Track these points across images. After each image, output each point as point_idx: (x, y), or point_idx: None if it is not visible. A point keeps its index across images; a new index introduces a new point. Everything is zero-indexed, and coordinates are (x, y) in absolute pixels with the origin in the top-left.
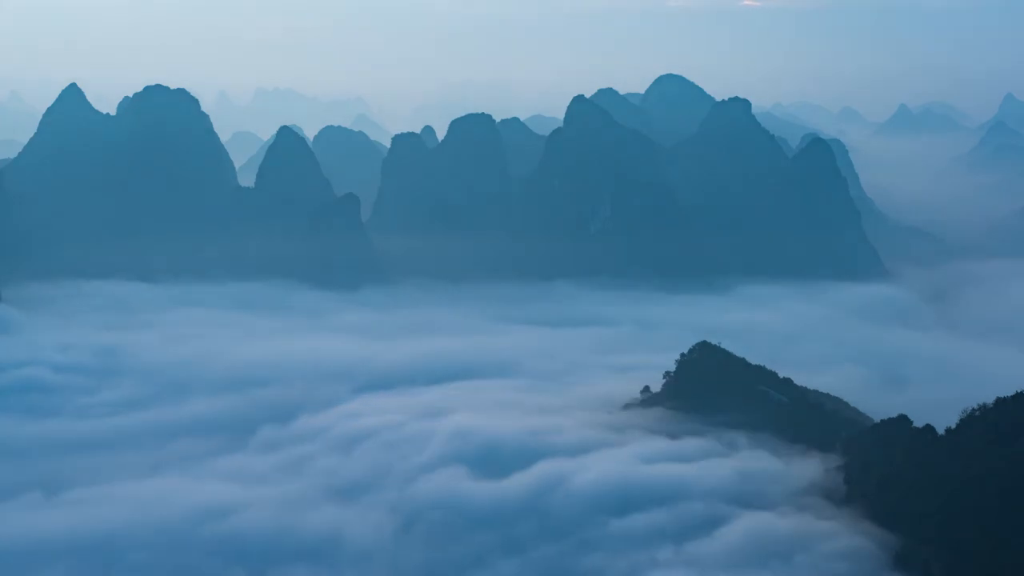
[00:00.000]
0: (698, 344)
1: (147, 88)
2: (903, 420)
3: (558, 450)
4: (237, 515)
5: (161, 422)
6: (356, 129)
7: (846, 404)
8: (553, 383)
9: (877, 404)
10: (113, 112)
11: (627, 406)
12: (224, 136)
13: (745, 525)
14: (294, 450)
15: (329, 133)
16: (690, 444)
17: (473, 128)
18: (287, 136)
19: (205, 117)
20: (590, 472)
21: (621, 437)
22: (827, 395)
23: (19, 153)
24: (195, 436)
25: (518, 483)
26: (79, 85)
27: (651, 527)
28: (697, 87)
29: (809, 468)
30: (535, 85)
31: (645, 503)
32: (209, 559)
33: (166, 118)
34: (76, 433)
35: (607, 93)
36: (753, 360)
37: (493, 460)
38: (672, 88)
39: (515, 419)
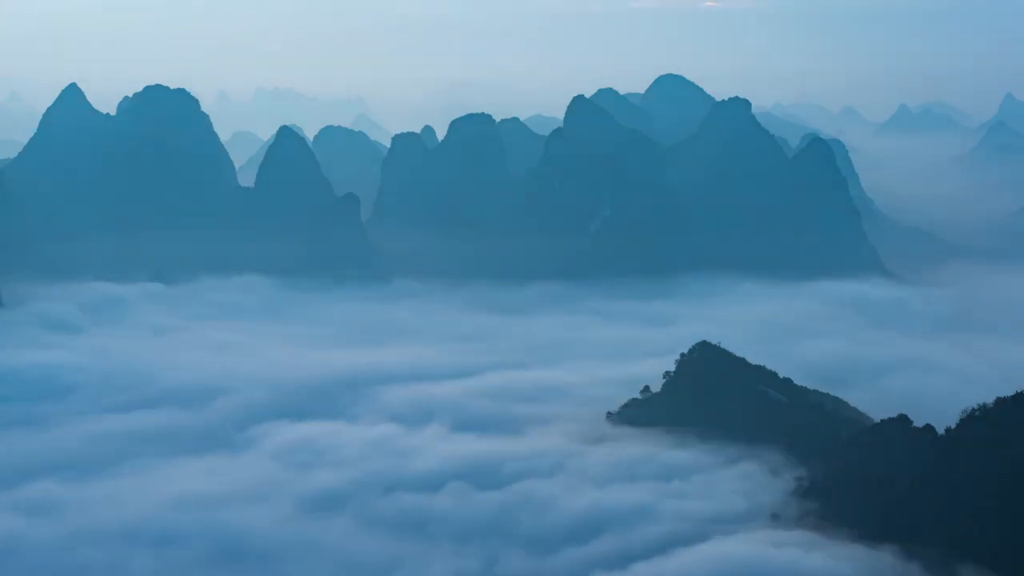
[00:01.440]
0: (698, 344)
1: (147, 88)
2: (903, 420)
3: (539, 463)
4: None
5: (139, 426)
6: (356, 129)
7: (846, 404)
8: (551, 382)
9: (877, 404)
10: (113, 112)
11: (627, 406)
12: (224, 136)
13: (740, 536)
14: (246, 457)
15: (329, 133)
16: (682, 454)
17: (473, 128)
18: (287, 136)
19: (205, 117)
20: (567, 489)
21: (604, 447)
22: (827, 395)
23: (19, 153)
24: (159, 441)
25: (484, 503)
26: (79, 85)
27: (618, 551)
28: (697, 87)
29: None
30: (535, 85)
31: (621, 523)
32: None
33: (166, 118)
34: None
35: (607, 93)
36: (753, 360)
37: (457, 475)
38: (672, 88)
39: (499, 425)
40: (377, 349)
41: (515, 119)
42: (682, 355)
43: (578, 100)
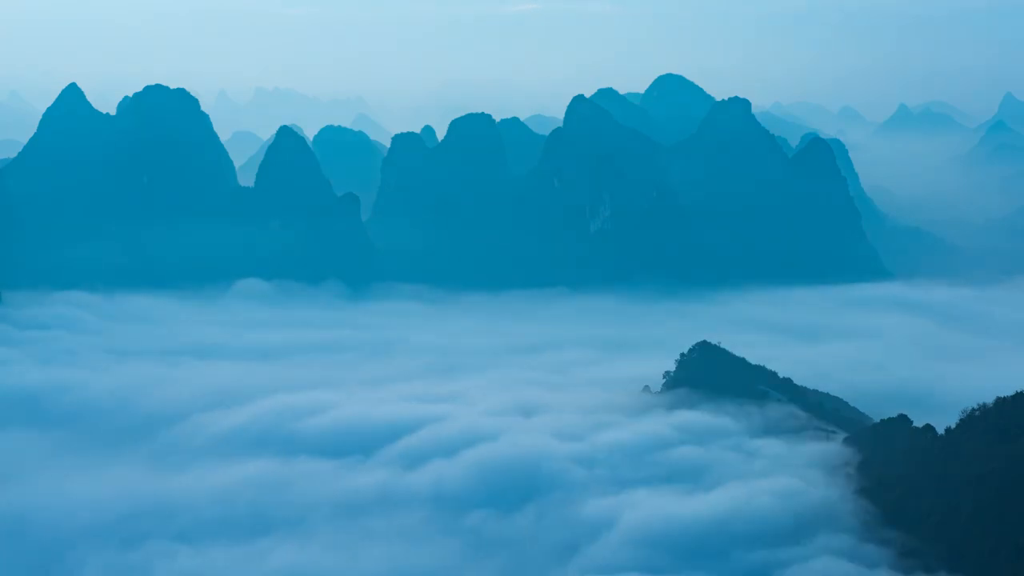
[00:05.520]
0: (698, 344)
1: (147, 88)
2: (903, 420)
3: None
4: None
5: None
6: (356, 129)
7: (846, 404)
8: (551, 382)
9: (877, 404)
10: (113, 112)
11: (626, 406)
12: (224, 136)
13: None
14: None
15: (329, 133)
16: (681, 454)
17: (473, 128)
18: (287, 136)
19: (205, 117)
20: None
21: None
22: (827, 395)
23: (19, 153)
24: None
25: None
26: (79, 85)
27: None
28: (697, 87)
29: (808, 468)
30: (535, 85)
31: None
32: None
33: (166, 118)
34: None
35: (607, 93)
36: (753, 360)
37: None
38: (672, 88)
39: (493, 422)
40: (373, 347)
41: (515, 119)
42: (682, 355)
43: (578, 100)
